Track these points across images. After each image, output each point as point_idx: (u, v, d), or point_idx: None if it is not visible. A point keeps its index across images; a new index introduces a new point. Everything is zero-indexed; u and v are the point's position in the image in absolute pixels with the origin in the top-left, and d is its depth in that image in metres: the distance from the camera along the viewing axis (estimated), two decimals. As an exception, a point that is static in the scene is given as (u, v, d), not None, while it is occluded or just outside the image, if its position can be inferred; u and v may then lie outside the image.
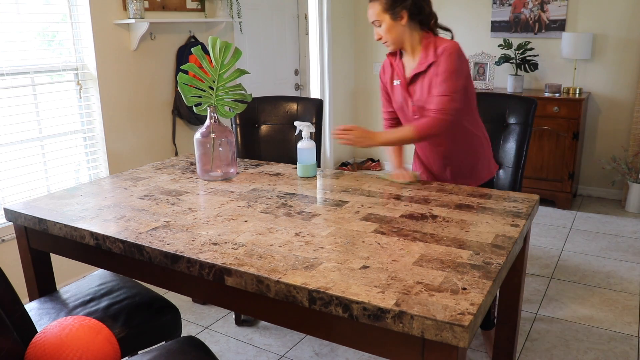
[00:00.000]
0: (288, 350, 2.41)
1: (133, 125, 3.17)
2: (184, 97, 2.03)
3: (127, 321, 1.71)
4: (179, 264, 1.41)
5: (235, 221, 1.63)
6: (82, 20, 2.88)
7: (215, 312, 2.73)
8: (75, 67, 2.92)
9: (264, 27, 4.18)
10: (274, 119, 2.84)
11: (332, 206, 1.76)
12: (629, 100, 4.17)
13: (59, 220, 1.68)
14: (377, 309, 1.11)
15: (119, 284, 1.93)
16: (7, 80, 2.61)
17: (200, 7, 3.49)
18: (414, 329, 1.08)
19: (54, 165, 2.87)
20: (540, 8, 4.31)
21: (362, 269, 1.28)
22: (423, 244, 1.42)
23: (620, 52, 4.13)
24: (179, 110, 3.37)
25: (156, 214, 1.71)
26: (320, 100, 2.81)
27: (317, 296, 1.19)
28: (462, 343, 1.04)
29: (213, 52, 2.01)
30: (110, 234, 1.55)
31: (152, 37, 3.19)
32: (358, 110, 5.46)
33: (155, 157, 3.31)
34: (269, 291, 1.26)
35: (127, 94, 3.12)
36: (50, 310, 1.77)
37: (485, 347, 2.36)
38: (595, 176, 4.41)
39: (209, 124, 2.05)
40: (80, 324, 1.33)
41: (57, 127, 2.87)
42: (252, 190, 1.95)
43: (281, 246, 1.43)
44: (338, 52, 5.03)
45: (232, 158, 2.12)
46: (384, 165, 5.44)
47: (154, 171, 2.26)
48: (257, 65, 4.13)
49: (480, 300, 1.12)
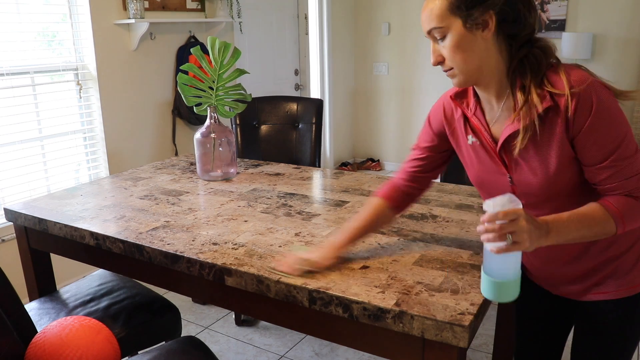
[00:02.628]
0: (288, 350, 2.41)
1: (133, 125, 3.17)
2: (183, 97, 2.03)
3: (127, 321, 1.71)
4: (179, 264, 1.41)
5: (235, 221, 1.63)
6: (82, 20, 2.88)
7: (215, 312, 2.73)
8: (75, 67, 2.92)
9: (264, 27, 4.18)
10: (274, 119, 2.84)
11: (332, 206, 1.76)
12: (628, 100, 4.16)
13: (59, 220, 1.68)
14: (377, 309, 1.11)
15: (119, 284, 1.93)
16: (7, 80, 2.61)
17: (200, 7, 3.49)
18: (414, 329, 1.08)
19: (54, 165, 2.87)
20: (540, 8, 4.31)
21: (362, 269, 1.28)
22: (423, 244, 1.42)
23: (620, 52, 4.14)
24: (179, 110, 3.37)
25: (156, 214, 1.71)
26: (320, 100, 2.81)
27: (317, 296, 1.19)
28: (462, 343, 1.04)
29: (212, 52, 2.01)
30: (110, 234, 1.55)
31: (152, 37, 3.19)
32: (358, 110, 5.46)
33: (155, 157, 3.31)
34: (269, 291, 1.26)
35: (127, 94, 3.11)
36: (50, 310, 1.77)
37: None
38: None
39: (209, 124, 2.05)
40: (80, 324, 1.33)
41: (57, 127, 2.87)
42: (252, 190, 1.95)
43: (281, 246, 1.43)
44: (338, 52, 5.03)
45: (232, 158, 2.12)
46: (384, 165, 5.44)
47: (154, 171, 2.26)
48: (257, 65, 4.13)
49: (481, 300, 1.12)
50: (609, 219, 1.04)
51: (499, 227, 0.95)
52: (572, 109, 1.02)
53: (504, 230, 0.95)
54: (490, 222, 0.96)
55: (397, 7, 4.98)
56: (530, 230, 0.96)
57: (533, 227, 0.97)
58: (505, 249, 0.96)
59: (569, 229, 1.04)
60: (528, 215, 0.97)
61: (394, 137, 5.33)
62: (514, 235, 0.96)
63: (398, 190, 1.36)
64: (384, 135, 5.38)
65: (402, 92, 5.16)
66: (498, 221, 0.96)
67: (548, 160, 1.08)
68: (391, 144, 5.37)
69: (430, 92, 4.92)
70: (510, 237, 0.96)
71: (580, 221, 1.05)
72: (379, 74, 5.24)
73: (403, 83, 5.13)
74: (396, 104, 5.22)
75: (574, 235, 1.05)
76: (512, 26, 1.05)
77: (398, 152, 5.33)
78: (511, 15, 1.04)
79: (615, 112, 1.04)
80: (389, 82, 5.21)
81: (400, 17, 4.99)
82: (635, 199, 1.05)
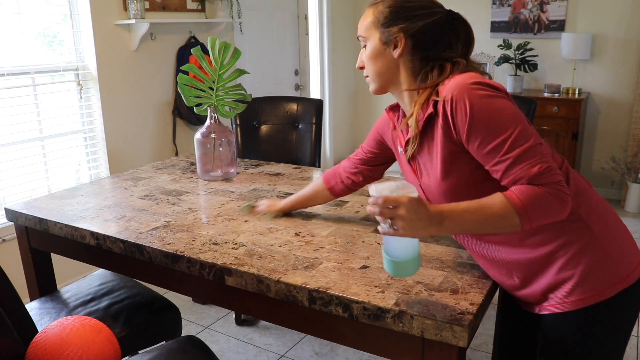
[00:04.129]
0: (288, 349, 2.41)
1: (133, 126, 3.18)
2: (184, 97, 2.03)
3: (128, 321, 1.72)
4: (179, 264, 1.41)
5: (235, 221, 1.64)
6: (82, 20, 2.89)
7: (215, 312, 2.74)
8: (76, 67, 2.92)
9: (264, 28, 4.18)
10: (274, 119, 2.84)
11: (332, 206, 1.76)
12: (628, 100, 4.17)
13: (60, 220, 1.68)
14: (377, 308, 1.12)
15: (120, 284, 1.93)
16: (7, 80, 2.61)
17: (201, 7, 3.49)
18: (413, 329, 1.08)
19: (54, 165, 2.87)
20: (539, 8, 4.32)
21: (362, 268, 1.29)
22: (423, 244, 1.43)
23: (620, 53, 4.14)
24: (179, 111, 3.38)
25: (156, 214, 1.71)
26: (320, 101, 2.82)
27: (317, 296, 1.19)
28: (461, 342, 1.04)
29: (212, 53, 2.01)
30: (110, 233, 1.56)
31: (153, 38, 3.19)
32: (358, 111, 5.46)
33: (155, 157, 3.31)
34: (269, 291, 1.26)
35: (128, 94, 3.12)
36: (50, 310, 1.77)
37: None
38: (595, 176, 4.41)
39: (209, 124, 2.05)
40: (80, 324, 1.33)
41: (58, 127, 2.88)
42: (252, 190, 1.96)
43: (281, 246, 1.44)
44: (338, 52, 5.03)
45: (232, 158, 2.12)
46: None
47: (154, 171, 2.27)
48: (257, 65, 4.13)
49: (480, 300, 1.13)
50: (511, 211, 1.01)
51: (379, 212, 1.00)
52: (449, 113, 1.08)
53: (384, 215, 1.00)
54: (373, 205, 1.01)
55: (397, 8, 4.98)
56: (410, 219, 0.99)
57: (415, 216, 0.99)
58: (387, 232, 1.02)
59: (463, 219, 1.04)
60: (413, 205, 0.99)
61: (394, 137, 5.33)
62: (392, 222, 1.00)
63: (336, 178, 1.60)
64: (384, 136, 5.38)
65: (402, 92, 5.16)
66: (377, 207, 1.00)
67: (435, 164, 1.15)
68: (391, 144, 5.37)
69: (430, 92, 4.92)
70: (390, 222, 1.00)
71: (477, 211, 1.04)
72: (379, 74, 5.24)
73: (403, 83, 5.13)
74: (396, 104, 5.22)
75: (471, 226, 1.06)
76: (428, 50, 1.16)
77: (398, 152, 5.33)
78: (428, 40, 1.16)
79: (494, 109, 1.05)
80: (389, 82, 5.21)
81: (400, 18, 4.99)
82: (541, 188, 1.01)
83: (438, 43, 1.16)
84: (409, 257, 1.06)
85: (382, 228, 1.02)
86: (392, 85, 1.23)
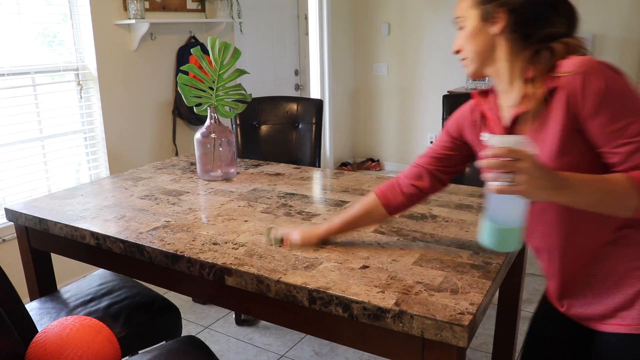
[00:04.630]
0: (288, 349, 2.41)
1: (133, 125, 3.18)
2: (184, 97, 2.03)
3: (128, 321, 1.72)
4: (179, 264, 1.41)
5: (235, 221, 1.64)
6: (82, 20, 2.89)
7: (215, 312, 2.74)
8: (76, 68, 2.92)
9: (264, 28, 4.18)
10: (274, 119, 2.84)
11: (332, 206, 1.76)
12: (628, 100, 4.17)
13: (60, 220, 1.68)
14: (377, 308, 1.12)
15: (120, 284, 1.93)
16: (8, 80, 2.61)
17: (201, 7, 3.49)
18: (413, 329, 1.08)
19: (54, 165, 2.87)
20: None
21: (362, 268, 1.29)
22: (423, 244, 1.43)
23: (620, 52, 4.14)
24: (179, 111, 3.38)
25: (156, 214, 1.71)
26: (320, 101, 2.82)
27: (317, 296, 1.19)
28: (461, 342, 1.04)
29: (212, 53, 2.01)
30: (110, 233, 1.56)
31: (153, 38, 3.19)
32: (358, 111, 5.46)
33: (155, 157, 3.31)
34: (269, 291, 1.26)
35: (128, 94, 3.12)
36: (50, 310, 1.77)
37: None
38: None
39: (209, 124, 2.05)
40: (80, 324, 1.33)
41: (58, 127, 2.88)
42: (252, 190, 1.96)
43: (281, 246, 1.44)
44: (338, 52, 5.03)
45: (232, 158, 2.12)
46: (384, 165, 5.45)
47: (154, 171, 2.27)
48: (257, 65, 4.13)
49: (480, 300, 1.13)
50: (631, 190, 0.95)
51: (501, 164, 0.90)
52: (579, 86, 1.00)
53: (506, 168, 0.90)
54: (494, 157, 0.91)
55: (397, 8, 4.98)
56: (535, 175, 0.90)
57: (539, 174, 0.90)
58: (503, 190, 0.91)
59: (584, 189, 0.96)
60: (538, 162, 0.91)
61: (394, 137, 5.33)
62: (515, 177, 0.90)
63: (395, 190, 1.38)
64: (384, 136, 5.38)
65: (401, 92, 5.16)
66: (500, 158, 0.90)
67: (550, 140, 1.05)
68: (391, 144, 5.37)
69: (429, 92, 4.92)
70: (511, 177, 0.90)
71: (598, 183, 0.97)
72: (379, 74, 5.24)
73: (403, 83, 5.13)
74: (396, 104, 5.23)
75: (589, 198, 0.97)
76: (528, 26, 1.08)
77: (398, 152, 5.34)
78: (528, 16, 1.08)
79: (627, 90, 1.00)
80: (389, 82, 5.21)
81: (400, 18, 4.99)
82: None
83: (538, 19, 1.09)
84: (517, 224, 0.97)
85: (495, 185, 0.91)
86: (492, 64, 1.15)
